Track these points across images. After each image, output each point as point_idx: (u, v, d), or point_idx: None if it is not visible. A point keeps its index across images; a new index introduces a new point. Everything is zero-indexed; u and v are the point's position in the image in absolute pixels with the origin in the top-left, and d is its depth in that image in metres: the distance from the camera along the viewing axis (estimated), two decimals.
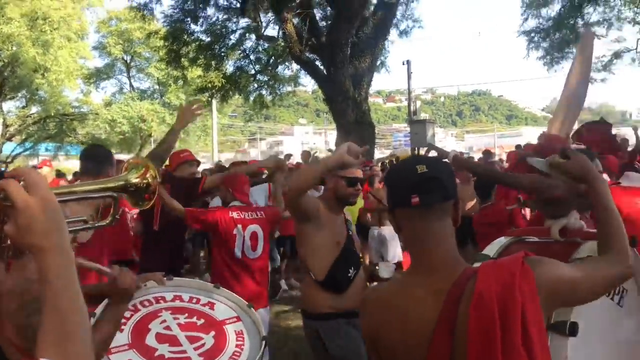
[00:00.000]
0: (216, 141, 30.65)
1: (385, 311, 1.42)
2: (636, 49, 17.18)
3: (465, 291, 1.29)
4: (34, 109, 27.50)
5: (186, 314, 2.56)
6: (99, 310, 2.20)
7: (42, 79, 23.74)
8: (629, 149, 6.75)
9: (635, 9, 15.75)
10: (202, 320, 2.57)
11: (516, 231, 2.40)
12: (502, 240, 2.15)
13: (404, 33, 15.81)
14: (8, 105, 27.15)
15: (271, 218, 4.14)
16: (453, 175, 1.45)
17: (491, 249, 2.09)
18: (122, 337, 2.30)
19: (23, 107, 27.23)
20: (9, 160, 25.39)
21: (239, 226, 3.89)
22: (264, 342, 2.53)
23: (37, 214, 0.85)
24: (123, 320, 2.31)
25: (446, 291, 1.31)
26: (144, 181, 1.41)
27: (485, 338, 1.22)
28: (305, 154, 11.86)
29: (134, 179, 1.40)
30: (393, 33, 15.70)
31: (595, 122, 5.19)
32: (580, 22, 15.37)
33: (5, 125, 26.44)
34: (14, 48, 21.94)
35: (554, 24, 15.59)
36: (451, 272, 1.35)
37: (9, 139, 26.67)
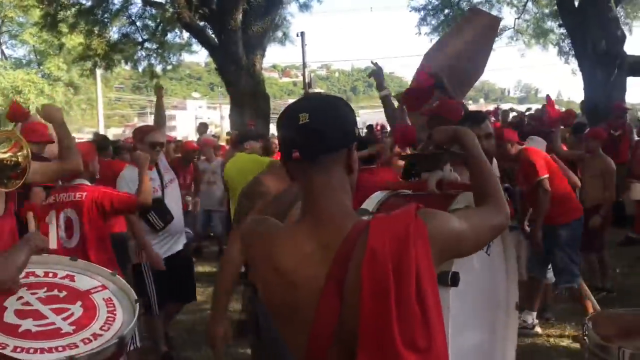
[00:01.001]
0: (102, 115, 28.98)
1: (267, 263, 1.31)
2: (513, 27, 18.45)
3: (357, 247, 1.21)
4: None
5: (45, 288, 2.36)
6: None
7: None
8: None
9: None
10: (65, 292, 2.39)
11: (392, 184, 2.42)
12: (379, 195, 2.16)
13: (304, 7, 15.72)
14: None
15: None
16: (344, 121, 1.32)
17: (369, 204, 2.10)
18: None
19: None
20: None
21: None
22: (137, 305, 2.41)
23: None
24: None
25: (336, 246, 1.23)
26: (13, 159, 1.27)
27: (378, 296, 1.15)
28: (202, 127, 11.51)
29: (1, 154, 1.23)
30: (294, 7, 15.60)
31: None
32: (464, 2, 16.24)
33: None
34: None
35: (441, 1, 16.33)
36: (340, 226, 1.26)
37: None
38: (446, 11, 17.08)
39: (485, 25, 4.47)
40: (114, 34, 14.99)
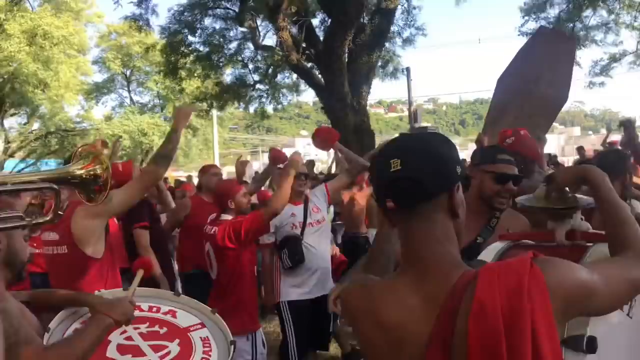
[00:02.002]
0: (218, 154, 30.63)
1: (369, 324, 1.21)
2: (636, 51, 17.11)
3: (464, 300, 1.08)
4: (36, 125, 27.58)
5: (147, 323, 2.41)
6: (53, 324, 2.13)
7: (42, 95, 23.79)
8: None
9: (634, 13, 15.70)
10: (165, 329, 2.43)
11: (513, 234, 2.15)
12: (498, 245, 1.92)
13: (407, 41, 15.71)
14: (9, 122, 27.26)
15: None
16: (441, 162, 1.19)
17: (487, 254, 1.87)
18: None
19: (24, 124, 27.30)
20: None
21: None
22: (232, 347, 2.39)
23: None
24: None
25: (441, 300, 1.12)
26: (91, 172, 1.26)
27: (488, 355, 1.03)
28: (310, 164, 11.72)
29: (78, 170, 1.25)
30: (397, 42, 15.69)
31: None
32: (579, 25, 15.35)
33: (7, 142, 26.50)
34: (14, 64, 22.00)
35: (554, 27, 15.55)
36: (446, 277, 1.14)
37: (11, 156, 26.72)
38: None
39: (560, 46, 4.11)
40: (227, 76, 15.95)
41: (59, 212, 1.26)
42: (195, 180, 8.21)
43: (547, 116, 4.03)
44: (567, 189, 1.76)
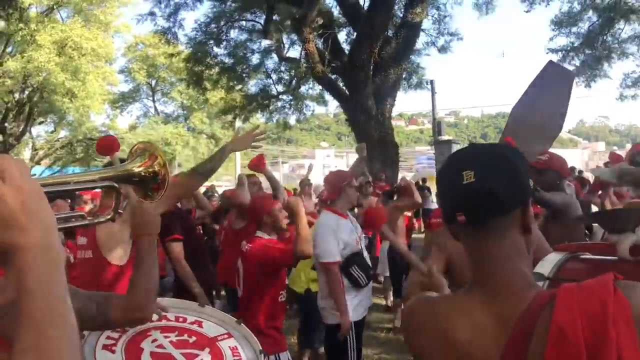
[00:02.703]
0: (239, 165, 30.80)
1: (435, 340, 1.17)
2: None
3: (539, 322, 1.02)
4: (62, 133, 28.07)
5: (176, 332, 2.42)
6: (87, 331, 2.14)
7: (70, 104, 24.22)
8: None
9: None
10: (194, 338, 2.42)
11: (570, 246, 2.03)
12: (555, 257, 1.80)
13: (443, 49, 15.70)
14: (37, 130, 27.79)
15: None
16: (517, 175, 1.12)
17: (544, 266, 1.75)
18: (115, 359, 2.16)
19: (52, 132, 27.81)
20: None
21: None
22: (262, 356, 2.39)
23: (12, 206, 0.71)
24: (113, 342, 2.24)
25: (513, 320, 1.05)
26: (150, 170, 1.25)
27: None
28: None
29: (137, 167, 1.24)
30: (433, 51, 15.70)
31: None
32: (610, 38, 15.17)
33: (35, 149, 27.01)
34: (43, 74, 22.45)
35: (584, 40, 15.38)
36: (520, 296, 1.08)
37: (38, 163, 27.20)
38: (587, 51, 16.03)
39: (561, 80, 4.17)
40: (251, 87, 16.08)
41: (120, 211, 1.25)
42: (219, 190, 8.27)
43: (543, 143, 4.22)
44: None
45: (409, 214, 7.45)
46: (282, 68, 15.57)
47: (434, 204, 11.12)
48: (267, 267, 3.35)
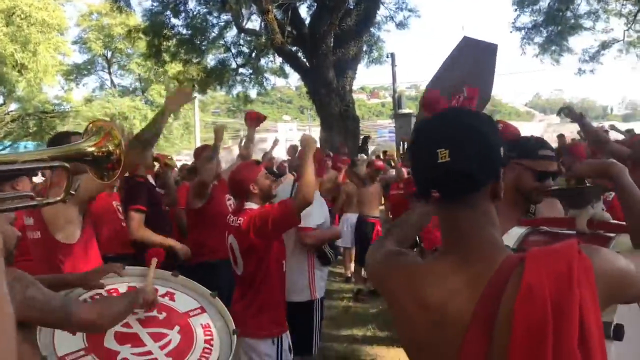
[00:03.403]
0: (199, 138, 30.41)
1: (411, 302, 1.21)
2: (623, 39, 17.34)
3: (509, 282, 1.08)
4: (13, 107, 26.99)
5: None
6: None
7: (19, 76, 23.27)
8: None
9: (623, 1, 15.90)
10: (164, 314, 2.30)
11: (533, 220, 2.13)
12: (518, 231, 1.90)
13: (401, 25, 15.65)
14: None
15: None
16: (490, 150, 1.16)
17: (508, 239, 1.83)
18: (76, 341, 2.03)
19: (1, 105, 26.71)
20: None
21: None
22: (234, 337, 2.29)
23: None
24: None
25: (486, 281, 1.11)
26: (103, 149, 1.19)
27: (533, 339, 1.02)
28: (292, 149, 11.70)
29: (90, 147, 1.18)
30: (391, 26, 15.63)
31: None
32: (569, 14, 15.49)
33: None
34: None
35: (545, 17, 15.65)
36: (490, 260, 1.15)
37: None
38: (550, 28, 16.31)
39: (483, 54, 4.29)
40: (211, 61, 15.77)
41: (71, 192, 1.20)
42: (179, 165, 8.13)
43: None
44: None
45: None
46: (242, 41, 15.32)
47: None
48: (267, 232, 3.05)
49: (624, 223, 1.54)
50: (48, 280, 2.14)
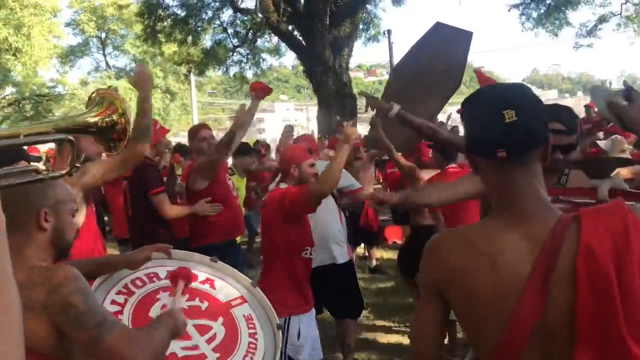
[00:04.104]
0: (196, 120, 30.32)
1: (468, 255, 1.23)
2: (620, 13, 17.21)
3: (566, 239, 1.14)
4: (8, 91, 26.87)
5: (187, 295, 2.18)
6: (94, 286, 1.99)
7: (14, 60, 23.11)
8: None
9: None
10: (206, 304, 2.18)
11: (551, 190, 2.25)
12: None
13: (396, 2, 15.46)
14: None
15: None
16: (544, 115, 1.25)
17: None
18: None
19: None
20: None
21: None
22: (279, 332, 2.19)
23: None
24: (118, 308, 2.04)
25: (542, 239, 1.16)
26: (107, 119, 1.15)
27: (599, 292, 1.08)
28: (288, 129, 11.69)
29: (93, 117, 1.14)
30: (387, 3, 15.47)
31: None
32: None
33: None
34: None
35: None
36: (545, 219, 1.19)
37: None
38: (548, 1, 16.14)
39: (455, 41, 4.25)
40: (207, 41, 15.68)
41: (77, 165, 1.14)
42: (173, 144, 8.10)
43: (439, 99, 4.29)
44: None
45: None
46: (238, 21, 15.21)
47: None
48: (285, 213, 3.12)
49: None
50: (91, 264, 2.10)
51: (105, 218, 6.38)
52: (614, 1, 16.99)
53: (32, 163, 1.66)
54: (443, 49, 4.17)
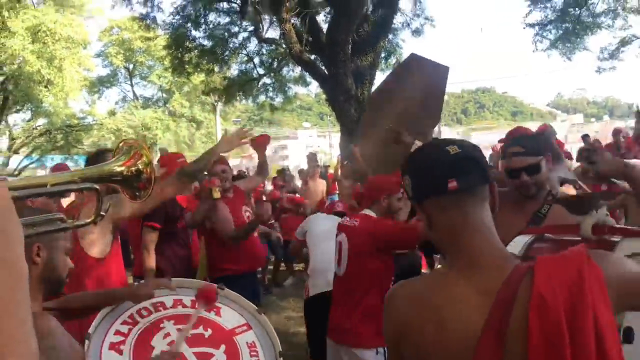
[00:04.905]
0: None
1: (418, 310, 1.20)
2: None
3: (519, 292, 1.08)
4: (40, 122, 27.64)
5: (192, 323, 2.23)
6: (92, 329, 2.03)
7: (46, 92, 23.82)
8: None
9: None
10: (210, 331, 2.23)
11: (536, 229, 2.15)
12: (523, 239, 1.90)
13: (416, 32, 15.64)
14: (14, 118, 27.33)
15: None
16: (482, 153, 1.26)
17: (514, 247, 1.84)
18: None
19: (29, 120, 27.37)
20: (16, 173, 25.45)
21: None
22: (281, 359, 2.23)
23: None
24: (121, 338, 2.08)
25: (495, 291, 1.11)
26: (133, 168, 1.18)
27: (551, 347, 1.03)
28: (312, 156, 11.82)
29: (119, 166, 1.17)
30: (407, 33, 15.67)
31: None
32: (585, 12, 15.32)
33: (12, 139, 26.61)
34: (18, 61, 22.00)
35: (560, 15, 15.49)
36: (499, 268, 1.14)
37: (16, 152, 26.80)
38: (565, 25, 16.14)
39: (433, 73, 4.17)
40: (233, 71, 16.03)
41: (102, 213, 1.17)
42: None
43: (415, 135, 4.27)
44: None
45: None
46: (264, 50, 15.53)
47: None
48: (382, 243, 3.10)
49: (629, 227, 1.57)
50: (98, 296, 2.15)
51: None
52: (635, 24, 16.86)
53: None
54: (417, 82, 4.13)
